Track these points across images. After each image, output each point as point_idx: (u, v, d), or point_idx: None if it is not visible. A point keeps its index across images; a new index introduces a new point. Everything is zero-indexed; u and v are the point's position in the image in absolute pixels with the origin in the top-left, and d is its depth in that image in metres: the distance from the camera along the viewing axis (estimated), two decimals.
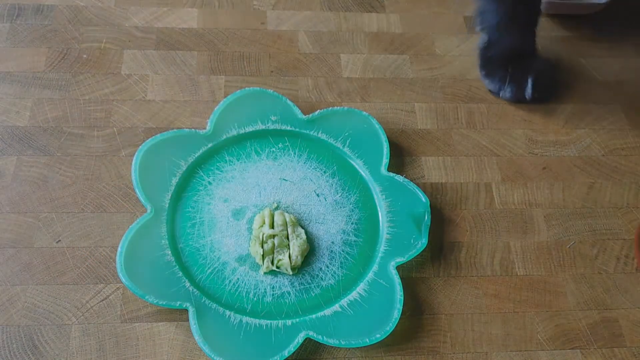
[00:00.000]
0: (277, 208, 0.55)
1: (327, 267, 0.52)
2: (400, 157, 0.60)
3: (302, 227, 0.54)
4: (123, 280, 0.48)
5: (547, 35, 0.73)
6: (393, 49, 0.70)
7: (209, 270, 0.51)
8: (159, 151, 0.56)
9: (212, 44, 0.67)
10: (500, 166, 0.61)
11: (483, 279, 0.54)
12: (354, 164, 0.58)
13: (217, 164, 0.57)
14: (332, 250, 0.53)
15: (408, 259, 0.52)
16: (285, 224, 0.52)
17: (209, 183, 0.56)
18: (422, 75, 0.67)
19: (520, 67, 0.64)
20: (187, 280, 0.50)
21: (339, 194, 0.57)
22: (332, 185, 0.57)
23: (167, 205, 0.53)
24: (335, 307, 0.50)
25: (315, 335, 0.48)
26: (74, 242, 0.52)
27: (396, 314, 0.49)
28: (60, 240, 0.52)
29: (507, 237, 0.57)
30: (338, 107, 0.61)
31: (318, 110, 0.61)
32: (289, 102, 0.60)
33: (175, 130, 0.57)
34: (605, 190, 0.61)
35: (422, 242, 0.53)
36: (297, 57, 0.67)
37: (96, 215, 0.54)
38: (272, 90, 0.61)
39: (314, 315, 0.49)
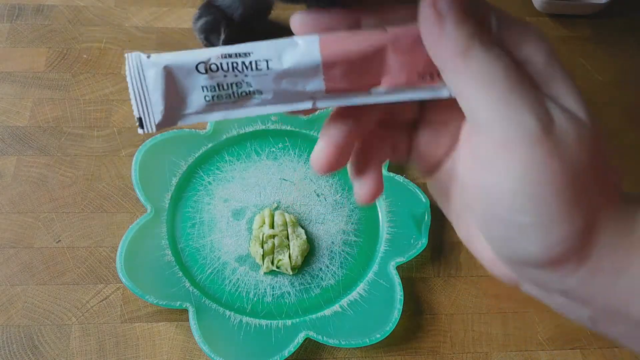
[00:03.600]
0: (277, 208, 0.55)
1: (327, 267, 0.52)
2: None
3: (302, 227, 0.54)
4: (123, 280, 0.48)
5: (547, 35, 0.73)
6: None
7: (209, 270, 0.51)
8: (159, 151, 0.56)
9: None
10: None
11: (483, 279, 0.54)
12: None
13: (217, 164, 0.57)
14: (332, 250, 0.53)
15: (408, 259, 0.52)
16: (285, 224, 0.52)
17: (209, 183, 0.56)
18: None
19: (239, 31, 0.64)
20: (187, 280, 0.50)
21: (339, 194, 0.57)
22: (332, 185, 0.57)
23: (167, 205, 0.53)
24: (335, 307, 0.50)
25: (315, 335, 0.48)
26: (74, 242, 0.52)
27: (396, 314, 0.49)
28: (60, 240, 0.52)
29: None
30: None
31: (318, 110, 0.61)
32: None
33: (175, 130, 0.57)
34: None
35: (422, 242, 0.53)
36: None
37: (96, 215, 0.54)
38: None
39: (314, 315, 0.49)
